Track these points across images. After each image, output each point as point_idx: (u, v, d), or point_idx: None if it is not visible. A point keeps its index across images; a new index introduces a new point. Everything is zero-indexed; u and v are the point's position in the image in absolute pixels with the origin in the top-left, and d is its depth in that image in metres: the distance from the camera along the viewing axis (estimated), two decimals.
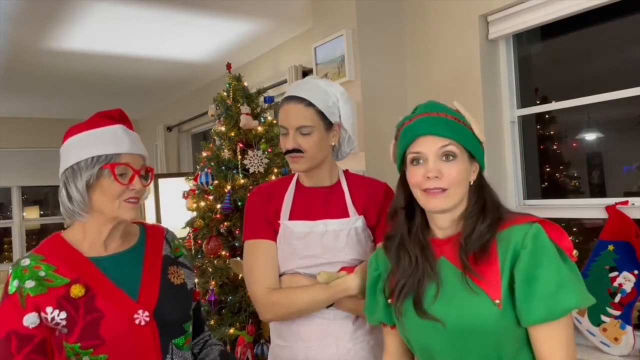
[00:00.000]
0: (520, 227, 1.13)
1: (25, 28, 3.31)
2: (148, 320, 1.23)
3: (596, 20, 2.15)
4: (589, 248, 2.10)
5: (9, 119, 6.13)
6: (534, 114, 2.41)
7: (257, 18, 3.40)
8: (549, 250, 1.10)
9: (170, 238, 1.44)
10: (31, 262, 1.21)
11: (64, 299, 1.19)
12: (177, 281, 1.36)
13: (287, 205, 1.59)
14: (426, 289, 1.18)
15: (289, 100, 1.55)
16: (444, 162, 1.16)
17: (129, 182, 1.23)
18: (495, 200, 1.22)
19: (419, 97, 2.66)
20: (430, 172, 1.15)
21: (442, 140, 1.17)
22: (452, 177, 1.16)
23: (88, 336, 1.18)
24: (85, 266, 1.24)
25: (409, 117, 1.24)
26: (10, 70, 4.21)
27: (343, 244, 1.54)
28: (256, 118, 3.12)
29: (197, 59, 4.20)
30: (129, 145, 1.25)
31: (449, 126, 1.18)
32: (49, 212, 6.91)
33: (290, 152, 1.53)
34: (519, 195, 2.37)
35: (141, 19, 3.27)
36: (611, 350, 1.94)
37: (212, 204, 2.97)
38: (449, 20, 2.48)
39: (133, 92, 5.27)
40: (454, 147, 1.17)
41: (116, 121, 1.28)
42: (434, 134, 1.17)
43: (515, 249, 1.12)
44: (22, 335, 1.17)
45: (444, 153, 1.17)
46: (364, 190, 1.62)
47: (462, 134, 1.19)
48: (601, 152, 2.47)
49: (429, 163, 1.17)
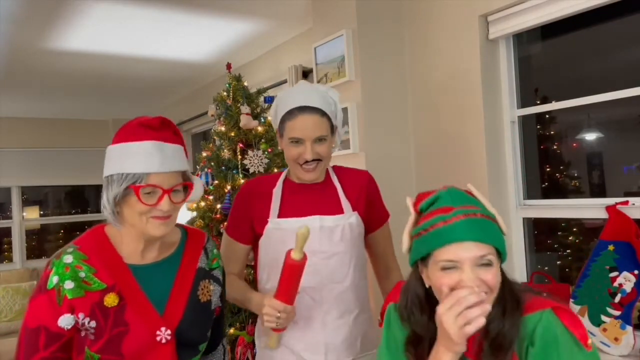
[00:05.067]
0: (532, 317, 1.06)
1: (25, 28, 3.31)
2: (169, 339, 1.22)
3: (596, 20, 2.15)
4: (589, 248, 2.11)
5: (9, 119, 6.12)
6: (534, 114, 2.41)
7: (257, 18, 3.40)
8: (561, 344, 1.02)
9: (209, 247, 1.40)
10: (74, 261, 1.20)
11: (97, 306, 1.18)
12: (204, 298, 1.32)
13: (276, 203, 1.61)
14: None
15: (302, 111, 1.52)
16: (481, 269, 1.04)
17: (157, 202, 1.18)
18: (516, 295, 1.10)
19: (419, 97, 2.67)
20: (468, 281, 1.02)
21: (482, 249, 1.03)
22: (490, 284, 1.04)
23: (110, 350, 1.18)
24: (123, 273, 1.23)
25: (443, 217, 1.06)
26: (10, 70, 4.21)
27: (338, 238, 1.57)
28: (256, 118, 3.12)
29: (197, 59, 4.20)
30: (158, 164, 1.17)
31: (489, 230, 1.06)
32: (49, 212, 6.90)
33: (307, 163, 1.54)
34: (519, 195, 2.37)
35: (141, 19, 3.27)
36: (611, 350, 1.94)
37: (212, 204, 2.97)
38: (449, 20, 2.48)
39: (133, 92, 5.27)
40: (492, 256, 1.05)
41: (154, 131, 1.21)
42: (475, 240, 1.03)
43: (526, 345, 1.05)
44: (52, 332, 1.18)
45: (483, 261, 1.04)
46: (353, 182, 1.66)
47: (499, 237, 1.08)
48: (601, 152, 2.47)
49: (466, 272, 1.03)
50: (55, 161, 6.40)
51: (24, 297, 5.46)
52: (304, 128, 1.52)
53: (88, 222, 6.92)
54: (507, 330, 1.05)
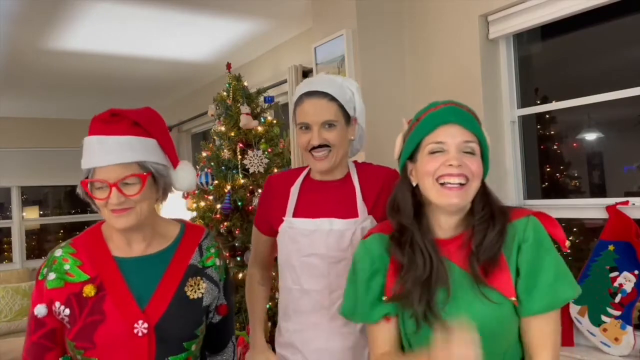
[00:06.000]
0: (519, 222, 1.17)
1: (25, 28, 3.31)
2: (146, 332, 1.22)
3: (596, 20, 2.15)
4: (589, 248, 2.10)
5: (9, 119, 6.12)
6: (534, 114, 2.41)
7: (257, 18, 3.39)
8: (547, 243, 1.16)
9: (205, 245, 1.38)
10: (62, 254, 1.28)
11: (74, 296, 1.23)
12: (193, 295, 1.30)
13: (293, 201, 1.58)
14: (437, 294, 1.15)
15: (310, 96, 1.50)
16: (465, 155, 1.14)
17: (107, 196, 1.19)
18: (501, 206, 1.21)
19: (419, 97, 2.67)
20: (452, 159, 1.12)
21: (467, 134, 1.15)
22: (473, 170, 1.13)
23: (82, 337, 1.22)
24: (107, 265, 1.27)
25: (433, 105, 1.20)
26: (10, 70, 4.21)
27: (347, 244, 1.51)
28: (256, 118, 3.12)
29: (197, 59, 4.20)
30: (98, 158, 1.19)
31: (472, 122, 1.18)
32: (49, 212, 6.90)
33: (315, 149, 1.49)
34: (519, 195, 2.37)
35: (141, 19, 3.26)
36: (611, 350, 1.94)
37: (211, 204, 2.97)
38: (449, 20, 2.48)
39: (133, 92, 5.27)
40: (475, 145, 1.16)
41: (103, 124, 1.22)
42: (460, 124, 1.15)
43: (518, 243, 1.15)
44: (38, 320, 1.26)
45: (467, 147, 1.14)
46: (373, 181, 1.58)
47: (481, 133, 1.19)
48: (601, 152, 2.47)
49: (451, 153, 1.13)
50: (55, 161, 6.40)
51: (23, 297, 5.46)
52: (309, 112, 1.49)
53: (88, 222, 6.92)
54: (494, 237, 1.14)
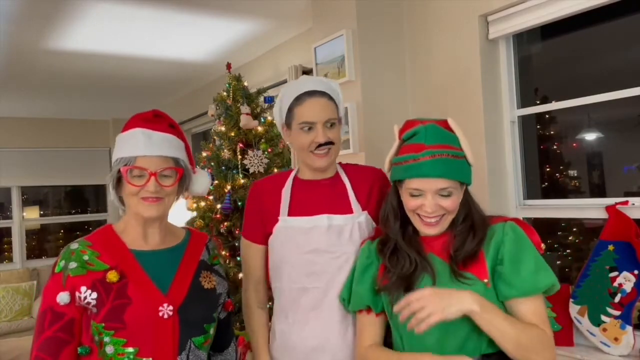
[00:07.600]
0: (498, 225, 1.32)
1: (25, 28, 3.31)
2: (171, 314, 1.30)
3: (596, 20, 2.15)
4: (589, 248, 2.10)
5: (9, 119, 6.13)
6: (534, 114, 2.41)
7: (257, 18, 3.40)
8: (526, 240, 1.30)
9: (211, 246, 1.51)
10: (79, 247, 1.33)
11: (99, 282, 1.28)
12: (207, 285, 1.42)
13: (286, 201, 1.60)
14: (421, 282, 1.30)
15: (312, 95, 1.53)
16: (441, 197, 1.27)
17: (144, 183, 1.29)
18: (482, 216, 1.35)
19: (419, 97, 2.67)
20: (429, 207, 1.27)
21: (444, 183, 1.26)
22: (447, 207, 1.28)
23: (112, 318, 1.26)
24: (125, 256, 1.33)
25: (413, 157, 1.29)
26: (10, 70, 4.22)
27: (346, 239, 1.55)
28: (256, 118, 3.12)
29: (197, 59, 4.21)
30: (144, 147, 1.30)
31: (452, 168, 1.27)
32: (49, 212, 6.90)
33: (321, 146, 1.53)
34: (519, 195, 2.37)
35: (141, 19, 3.27)
36: (611, 350, 1.94)
37: (212, 204, 2.97)
38: (449, 20, 2.48)
39: (133, 92, 5.27)
40: (453, 188, 1.28)
41: (146, 122, 1.34)
42: (438, 177, 1.26)
43: (497, 241, 1.29)
44: (56, 312, 1.27)
45: (443, 192, 1.27)
46: (363, 180, 1.65)
47: (462, 171, 1.30)
48: (601, 152, 2.47)
49: (427, 199, 1.27)
50: (55, 161, 6.41)
51: (24, 297, 5.46)
52: (314, 111, 1.52)
53: (88, 222, 6.93)
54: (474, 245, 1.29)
